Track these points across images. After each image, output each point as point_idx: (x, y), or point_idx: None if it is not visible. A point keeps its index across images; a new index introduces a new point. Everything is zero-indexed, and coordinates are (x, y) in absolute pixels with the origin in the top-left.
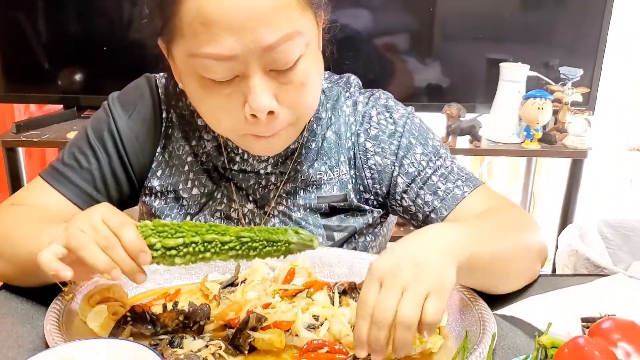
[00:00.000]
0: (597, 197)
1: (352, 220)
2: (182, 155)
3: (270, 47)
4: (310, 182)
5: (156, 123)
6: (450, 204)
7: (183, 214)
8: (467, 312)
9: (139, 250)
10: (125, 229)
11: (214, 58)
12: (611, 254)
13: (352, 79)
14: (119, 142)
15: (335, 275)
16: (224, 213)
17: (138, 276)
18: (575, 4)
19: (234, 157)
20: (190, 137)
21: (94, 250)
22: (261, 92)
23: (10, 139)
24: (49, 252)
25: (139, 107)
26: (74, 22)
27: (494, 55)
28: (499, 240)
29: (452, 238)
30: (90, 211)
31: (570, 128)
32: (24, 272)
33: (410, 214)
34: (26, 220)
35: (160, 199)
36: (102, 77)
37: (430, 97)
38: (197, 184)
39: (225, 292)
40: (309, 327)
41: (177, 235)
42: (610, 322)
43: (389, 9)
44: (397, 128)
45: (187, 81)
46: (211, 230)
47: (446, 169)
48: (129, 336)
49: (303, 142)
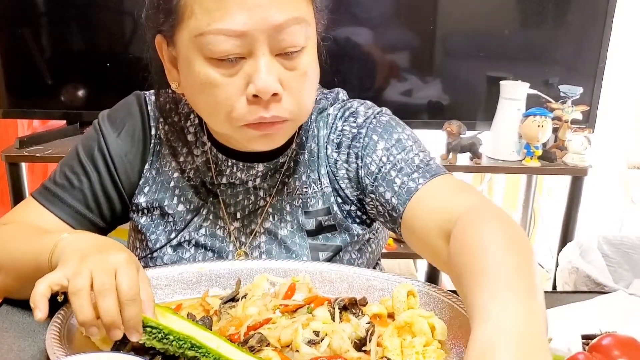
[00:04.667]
0: (597, 214)
1: (338, 238)
2: (168, 171)
3: (280, 26)
4: (297, 195)
5: (145, 140)
6: (404, 199)
7: (168, 231)
8: (467, 328)
9: (134, 323)
10: (129, 304)
11: (224, 34)
12: (612, 271)
13: (340, 94)
14: (109, 159)
15: (335, 291)
16: (210, 230)
17: (114, 332)
18: (575, 22)
19: (223, 170)
20: (178, 153)
21: (83, 302)
22: (267, 71)
23: (14, 154)
24: (45, 283)
25: (128, 124)
26: (77, 38)
27: (494, 73)
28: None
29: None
30: (109, 254)
31: (570, 146)
32: (23, 283)
33: (382, 216)
34: (23, 233)
35: (147, 215)
36: (105, 93)
37: (430, 115)
38: (183, 200)
39: (226, 307)
40: (309, 343)
41: (165, 341)
42: (610, 338)
43: (389, 26)
44: (360, 130)
45: (189, 69)
46: (195, 348)
47: (405, 162)
48: (131, 350)
49: (292, 156)
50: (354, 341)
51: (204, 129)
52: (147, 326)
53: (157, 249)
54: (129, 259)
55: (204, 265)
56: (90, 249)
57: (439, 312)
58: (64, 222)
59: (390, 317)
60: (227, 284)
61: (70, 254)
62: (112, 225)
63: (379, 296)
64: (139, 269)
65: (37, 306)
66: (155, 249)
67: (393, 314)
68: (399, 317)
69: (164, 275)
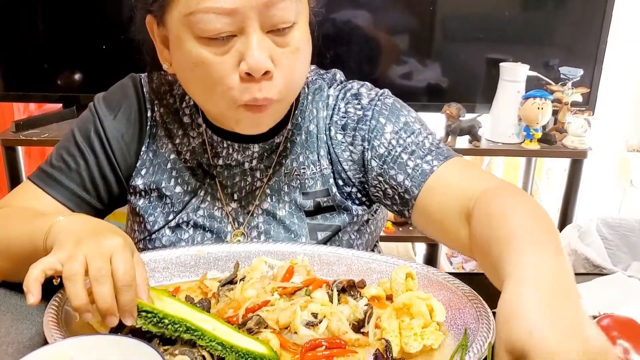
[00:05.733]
0: (596, 197)
1: (337, 219)
2: (165, 153)
3: (270, 2)
4: (294, 176)
5: (141, 122)
6: (419, 181)
7: (166, 213)
8: (465, 310)
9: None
10: (125, 290)
11: (214, 12)
12: (610, 254)
13: (337, 75)
14: (105, 142)
15: (334, 273)
16: (208, 211)
17: (110, 318)
18: (575, 4)
19: (219, 151)
20: (174, 135)
21: (78, 287)
22: (259, 49)
23: (10, 137)
24: (39, 267)
25: (124, 107)
26: (73, 21)
27: (494, 55)
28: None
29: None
30: (105, 239)
31: (570, 128)
32: (18, 266)
33: (389, 199)
34: (18, 215)
35: (145, 197)
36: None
37: (430, 97)
38: (181, 182)
39: (224, 289)
40: (307, 325)
41: (160, 325)
42: (609, 319)
43: (388, 9)
44: (366, 112)
45: (180, 49)
46: (190, 331)
47: (417, 145)
48: (129, 333)
49: (288, 136)
50: (352, 323)
51: (199, 111)
52: (142, 310)
53: (155, 230)
54: (124, 243)
55: (202, 248)
56: (85, 233)
57: (437, 294)
58: (62, 204)
59: (389, 299)
60: (226, 267)
61: (65, 237)
62: (110, 208)
63: (377, 278)
64: (133, 253)
65: (30, 291)
66: (153, 230)
67: (391, 296)
68: (397, 299)
69: (162, 258)
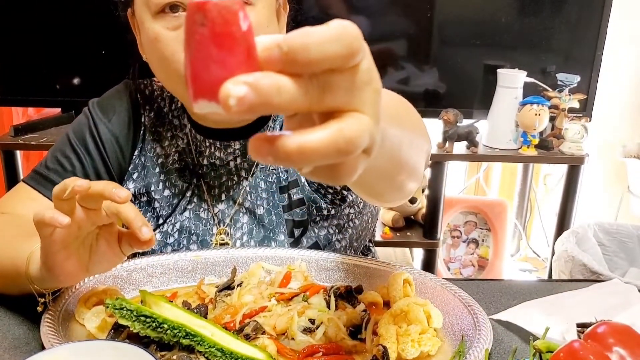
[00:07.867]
0: (594, 203)
1: (306, 213)
2: (154, 157)
3: None
4: (270, 171)
5: (135, 127)
6: None
7: (155, 217)
8: (462, 316)
9: None
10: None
11: None
12: (607, 260)
13: None
14: (100, 144)
15: (331, 279)
16: (193, 212)
17: None
18: (572, 10)
19: (203, 150)
20: (164, 137)
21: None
22: None
23: (8, 142)
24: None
25: (118, 111)
26: (72, 26)
27: (492, 61)
28: (412, 132)
29: None
30: None
31: (567, 134)
32: (4, 280)
33: None
34: (7, 229)
35: (135, 202)
36: (100, 81)
37: (427, 103)
38: (168, 185)
39: (221, 295)
40: (305, 331)
41: (159, 330)
42: (605, 326)
43: (386, 14)
44: None
45: (143, 32)
46: (190, 337)
47: None
48: (126, 338)
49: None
50: (349, 329)
51: (185, 111)
52: (141, 315)
53: None
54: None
55: (199, 254)
56: None
57: (435, 300)
58: None
59: (386, 305)
60: (223, 272)
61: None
62: None
63: (375, 284)
64: None
65: (53, 215)
66: None
67: (389, 302)
68: (395, 305)
69: (160, 264)
